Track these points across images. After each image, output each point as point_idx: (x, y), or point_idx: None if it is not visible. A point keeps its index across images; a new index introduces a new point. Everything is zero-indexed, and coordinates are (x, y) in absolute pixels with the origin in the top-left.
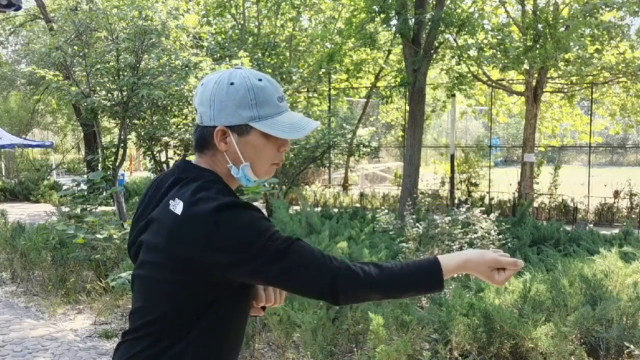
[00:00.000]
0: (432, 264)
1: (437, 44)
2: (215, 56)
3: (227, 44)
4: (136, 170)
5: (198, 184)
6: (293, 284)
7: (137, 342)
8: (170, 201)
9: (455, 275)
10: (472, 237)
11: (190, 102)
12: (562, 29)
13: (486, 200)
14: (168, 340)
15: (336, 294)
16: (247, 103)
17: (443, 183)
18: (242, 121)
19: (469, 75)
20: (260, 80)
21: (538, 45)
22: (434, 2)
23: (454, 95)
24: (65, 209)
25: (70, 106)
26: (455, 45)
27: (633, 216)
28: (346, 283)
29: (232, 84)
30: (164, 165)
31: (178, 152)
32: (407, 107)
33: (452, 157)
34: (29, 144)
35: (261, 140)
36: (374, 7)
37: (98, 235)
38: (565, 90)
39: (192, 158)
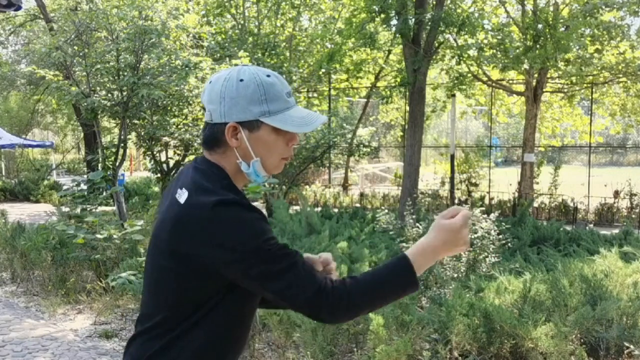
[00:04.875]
0: (402, 264)
1: (437, 44)
2: (215, 56)
3: (227, 44)
4: (136, 170)
5: (205, 176)
6: (280, 290)
7: (145, 335)
8: (178, 190)
9: (455, 275)
10: (472, 237)
11: (190, 102)
12: (562, 29)
13: (486, 200)
14: (173, 332)
15: (319, 308)
16: (257, 99)
17: (443, 183)
18: (253, 117)
19: (469, 75)
20: (268, 76)
21: (538, 46)
22: (434, 2)
23: (454, 95)
24: (65, 209)
25: (70, 106)
26: (455, 45)
27: (633, 216)
28: (330, 299)
29: (241, 80)
30: (164, 165)
31: (178, 152)
32: (407, 107)
33: (452, 157)
34: (29, 144)
35: (272, 135)
36: (374, 7)
37: (98, 235)
38: (565, 90)
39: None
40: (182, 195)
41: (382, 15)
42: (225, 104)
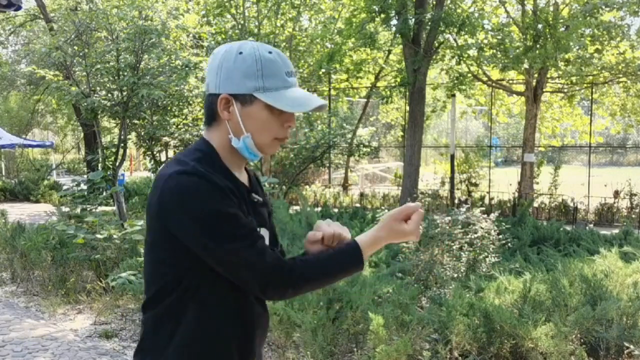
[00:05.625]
0: (352, 248)
1: (437, 44)
2: None
3: None
4: (136, 170)
5: (187, 150)
6: (232, 268)
7: (145, 321)
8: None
9: (455, 275)
10: (472, 237)
11: (190, 102)
12: (562, 29)
13: (486, 200)
14: (158, 314)
15: (269, 287)
16: (253, 73)
17: (443, 183)
18: (246, 91)
19: (469, 75)
20: (270, 52)
21: (538, 45)
22: (434, 2)
23: (454, 95)
24: (65, 209)
25: (70, 106)
26: (455, 45)
27: (633, 216)
28: (281, 279)
29: (240, 53)
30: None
31: (178, 152)
32: (407, 107)
33: (452, 157)
34: (29, 144)
35: (264, 112)
36: (374, 7)
37: (98, 235)
38: (565, 90)
39: None
40: (160, 170)
41: (382, 15)
42: (222, 75)
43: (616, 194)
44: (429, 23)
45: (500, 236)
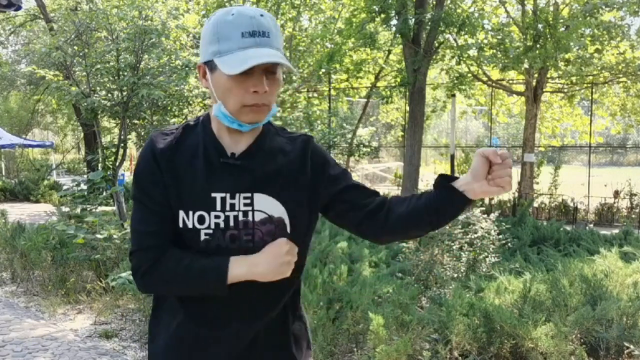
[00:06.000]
0: (219, 271)
1: (437, 44)
2: None
3: None
4: None
5: None
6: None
7: None
8: None
9: (455, 275)
10: (472, 237)
11: (190, 102)
12: (562, 29)
13: (486, 200)
14: None
15: (132, 265)
16: (211, 38)
17: None
18: (208, 57)
19: (469, 75)
20: (233, 14)
21: (538, 45)
22: (434, 2)
23: (454, 95)
24: (65, 209)
25: (70, 106)
26: (455, 45)
27: (633, 216)
28: (136, 261)
29: (209, 19)
30: None
31: None
32: (407, 107)
33: (452, 157)
34: (29, 144)
35: (223, 77)
36: (374, 7)
37: (98, 235)
38: (565, 90)
39: None
40: None
41: (382, 15)
42: (201, 44)
43: (616, 194)
44: (429, 23)
45: (500, 236)
